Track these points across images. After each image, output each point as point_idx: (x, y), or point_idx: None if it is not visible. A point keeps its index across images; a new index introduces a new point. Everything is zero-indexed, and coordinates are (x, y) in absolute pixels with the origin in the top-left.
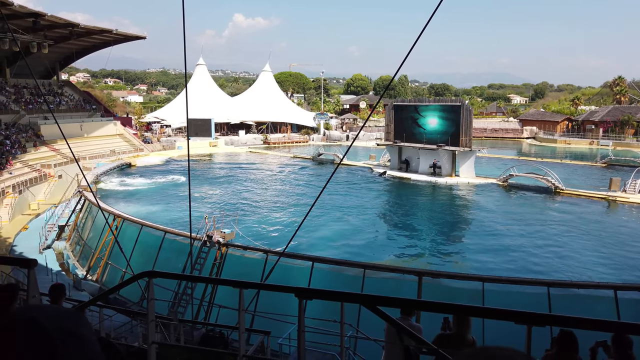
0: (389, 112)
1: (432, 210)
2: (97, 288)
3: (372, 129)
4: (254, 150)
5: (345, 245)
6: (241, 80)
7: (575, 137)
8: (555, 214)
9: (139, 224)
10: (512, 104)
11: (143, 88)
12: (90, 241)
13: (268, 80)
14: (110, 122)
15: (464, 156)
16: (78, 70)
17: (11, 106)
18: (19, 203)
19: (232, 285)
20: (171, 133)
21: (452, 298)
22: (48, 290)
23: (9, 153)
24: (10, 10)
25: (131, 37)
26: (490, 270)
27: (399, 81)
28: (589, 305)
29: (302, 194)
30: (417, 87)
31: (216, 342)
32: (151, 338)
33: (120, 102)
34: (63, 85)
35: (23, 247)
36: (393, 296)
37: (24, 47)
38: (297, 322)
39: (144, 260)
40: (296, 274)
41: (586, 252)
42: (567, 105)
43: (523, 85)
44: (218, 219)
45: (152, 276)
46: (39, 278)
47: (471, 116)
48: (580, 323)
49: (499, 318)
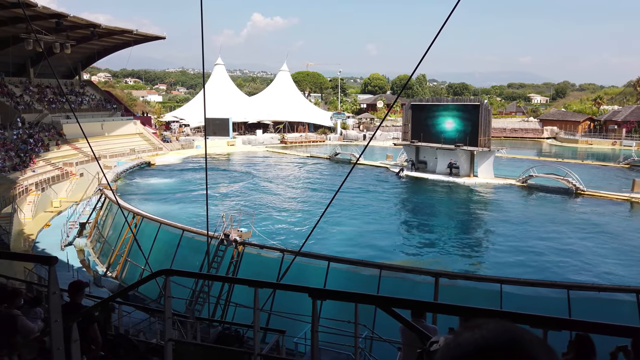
0: (407, 111)
1: (450, 211)
2: (117, 285)
3: (390, 129)
4: (271, 150)
5: (361, 245)
6: (259, 80)
7: (597, 137)
8: (575, 215)
9: (158, 222)
10: (532, 103)
11: (162, 88)
12: (110, 238)
13: (285, 79)
14: (130, 122)
15: (482, 156)
16: (99, 70)
17: (35, 105)
18: (41, 200)
19: (247, 284)
20: (190, 132)
21: (469, 299)
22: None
23: (33, 151)
24: (34, 11)
25: (151, 37)
26: (508, 272)
27: (416, 80)
28: (610, 309)
29: (318, 193)
30: (435, 87)
31: (232, 340)
32: (168, 335)
33: (140, 102)
34: (85, 85)
35: (45, 244)
36: (409, 297)
37: (47, 47)
38: (311, 322)
39: (162, 258)
40: (312, 274)
41: (607, 254)
42: (589, 104)
43: (544, 84)
44: (235, 218)
45: (169, 274)
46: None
47: (490, 116)
48: (597, 328)
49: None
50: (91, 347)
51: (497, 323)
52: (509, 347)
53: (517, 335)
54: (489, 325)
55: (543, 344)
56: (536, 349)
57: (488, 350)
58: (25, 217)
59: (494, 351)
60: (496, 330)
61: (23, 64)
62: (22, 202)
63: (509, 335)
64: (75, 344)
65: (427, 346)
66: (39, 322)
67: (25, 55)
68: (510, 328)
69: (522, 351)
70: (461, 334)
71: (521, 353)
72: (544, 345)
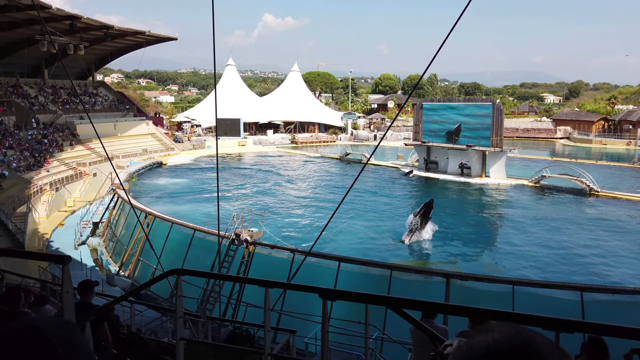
0: (418, 111)
1: (461, 211)
2: (129, 284)
3: (401, 129)
4: (281, 150)
5: (372, 245)
6: (270, 80)
7: (612, 137)
8: (589, 216)
9: (170, 222)
10: (545, 103)
11: (174, 88)
12: (122, 238)
13: (296, 80)
14: (143, 122)
15: (494, 156)
16: (112, 71)
17: (49, 106)
18: (55, 200)
19: (257, 284)
20: (201, 132)
21: (480, 301)
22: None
23: (47, 151)
24: (49, 13)
25: (163, 38)
26: (520, 273)
27: (428, 80)
28: (625, 311)
29: (329, 193)
30: (446, 87)
31: (243, 340)
32: (179, 334)
33: (152, 102)
34: (98, 85)
35: (59, 243)
36: (419, 298)
37: (61, 49)
38: (322, 323)
39: (174, 257)
40: (323, 274)
41: (622, 255)
42: (603, 104)
43: (557, 84)
44: (246, 218)
45: (181, 274)
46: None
47: (502, 116)
48: (610, 330)
49: (525, 323)
50: (102, 345)
51: (509, 326)
52: (520, 350)
53: (528, 338)
54: (501, 329)
55: (555, 347)
56: (548, 352)
57: (499, 353)
58: (40, 216)
59: (506, 354)
60: (508, 333)
61: (38, 65)
62: (37, 202)
63: (520, 338)
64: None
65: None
66: None
67: (39, 56)
68: (522, 331)
69: (534, 354)
70: (473, 337)
71: (532, 356)
72: (556, 348)
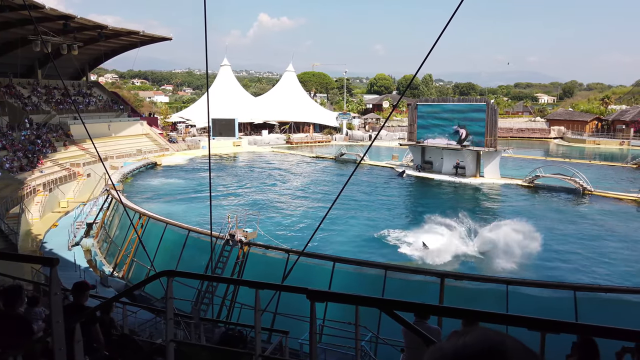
0: (412, 111)
1: (455, 211)
2: (123, 285)
3: (395, 129)
4: (276, 150)
5: (367, 245)
6: (265, 80)
7: (605, 137)
8: (582, 215)
9: (164, 222)
10: (540, 103)
11: (169, 88)
12: (116, 239)
13: (291, 80)
14: (137, 122)
15: (488, 156)
16: (106, 71)
17: (42, 106)
18: (49, 201)
19: (248, 285)
20: (196, 133)
21: (475, 300)
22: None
23: (40, 152)
24: (42, 13)
25: (158, 38)
26: (517, 273)
27: (422, 80)
28: (618, 311)
29: (324, 193)
30: (441, 87)
31: (235, 341)
32: (169, 336)
33: (146, 102)
34: (92, 86)
35: (53, 244)
36: (414, 298)
37: (54, 49)
38: (309, 324)
39: (169, 258)
40: (317, 274)
41: (615, 255)
42: (596, 104)
43: (551, 84)
44: (240, 218)
45: (171, 276)
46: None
47: (496, 116)
48: (595, 331)
49: (510, 324)
50: (94, 347)
51: (481, 330)
52: (487, 353)
53: (497, 342)
54: (474, 332)
55: (525, 350)
56: (516, 355)
57: (466, 356)
58: (33, 217)
59: (471, 357)
60: (478, 337)
61: (31, 66)
62: (30, 203)
63: (489, 341)
64: (78, 345)
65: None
66: (39, 323)
67: (33, 56)
68: (491, 335)
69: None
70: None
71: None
72: (526, 352)
